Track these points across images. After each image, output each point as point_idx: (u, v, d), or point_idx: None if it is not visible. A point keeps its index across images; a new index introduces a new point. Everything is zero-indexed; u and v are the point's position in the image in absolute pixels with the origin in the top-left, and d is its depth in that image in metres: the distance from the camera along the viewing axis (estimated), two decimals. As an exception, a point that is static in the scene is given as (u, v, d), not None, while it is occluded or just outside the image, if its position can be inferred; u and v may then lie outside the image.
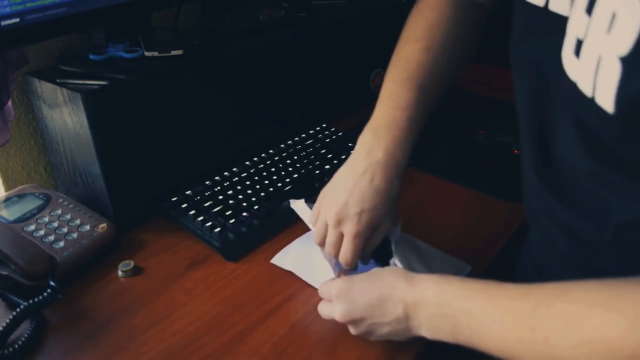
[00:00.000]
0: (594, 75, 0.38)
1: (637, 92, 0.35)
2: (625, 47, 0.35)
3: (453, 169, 0.92)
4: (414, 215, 0.81)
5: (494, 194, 0.85)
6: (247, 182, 0.86)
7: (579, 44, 0.40)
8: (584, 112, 0.41)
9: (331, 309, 0.57)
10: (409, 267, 0.62)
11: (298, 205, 0.70)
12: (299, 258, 0.70)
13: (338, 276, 0.64)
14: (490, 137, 0.99)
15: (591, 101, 0.39)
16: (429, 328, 0.51)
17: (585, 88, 0.40)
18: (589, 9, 0.39)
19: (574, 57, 0.41)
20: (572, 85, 0.41)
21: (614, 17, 0.36)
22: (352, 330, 0.57)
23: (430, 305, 0.50)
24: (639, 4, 0.34)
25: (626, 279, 0.39)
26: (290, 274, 0.69)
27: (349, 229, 0.60)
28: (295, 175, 0.88)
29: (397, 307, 0.52)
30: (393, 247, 0.63)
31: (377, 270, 0.57)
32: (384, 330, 0.54)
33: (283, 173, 0.89)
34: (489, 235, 0.77)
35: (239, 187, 0.84)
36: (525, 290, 0.45)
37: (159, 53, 0.79)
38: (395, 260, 0.62)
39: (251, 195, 0.82)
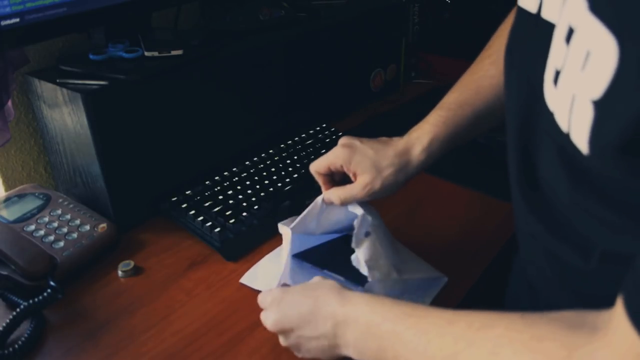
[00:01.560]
0: (569, 113, 0.36)
1: (609, 139, 0.32)
2: (598, 90, 0.32)
3: (453, 169, 0.92)
4: (414, 215, 0.81)
5: (494, 194, 0.85)
6: (247, 182, 0.86)
7: (557, 74, 0.37)
8: (562, 142, 0.39)
9: (264, 318, 0.57)
10: (375, 264, 0.61)
11: (284, 230, 0.67)
12: (268, 276, 0.68)
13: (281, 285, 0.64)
14: (490, 137, 0.99)
15: (567, 137, 0.37)
16: (355, 347, 0.51)
17: (562, 122, 0.37)
18: (568, 38, 0.36)
19: (552, 87, 0.38)
20: (551, 116, 0.39)
21: (588, 55, 0.33)
22: (282, 341, 0.57)
23: (359, 325, 0.50)
24: (614, 46, 0.31)
25: (556, 315, 0.39)
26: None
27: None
28: (295, 175, 0.88)
29: (326, 323, 0.52)
30: (354, 244, 0.61)
31: (313, 282, 0.57)
32: (311, 345, 0.54)
33: (283, 173, 0.89)
34: (489, 235, 0.77)
35: (239, 187, 0.84)
36: (453, 317, 0.44)
37: (159, 53, 0.79)
38: (357, 254, 0.61)
39: (251, 195, 0.82)
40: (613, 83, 0.31)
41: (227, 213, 0.78)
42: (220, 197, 0.82)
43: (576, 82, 0.35)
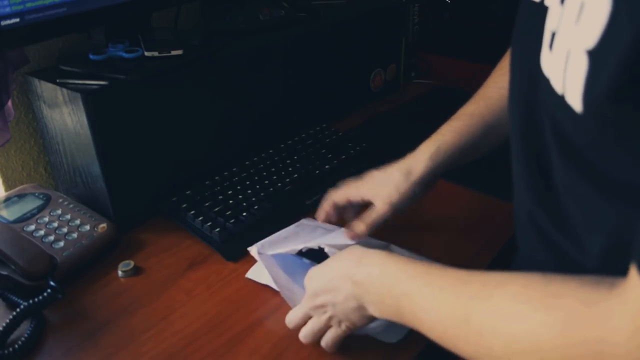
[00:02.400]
0: (564, 70, 0.36)
1: (602, 89, 0.33)
2: (591, 39, 0.33)
3: (453, 169, 0.92)
4: (414, 215, 0.81)
5: (494, 194, 0.85)
6: (247, 182, 0.86)
7: (553, 37, 0.38)
8: (557, 113, 0.40)
9: (298, 305, 0.58)
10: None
11: (254, 251, 0.69)
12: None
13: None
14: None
15: (562, 99, 0.37)
16: (376, 307, 0.51)
17: (557, 85, 0.38)
18: (562, 0, 0.37)
19: (548, 51, 0.39)
20: (547, 82, 0.39)
21: (582, 6, 0.34)
22: (315, 320, 0.57)
23: (375, 285, 0.50)
24: None
25: (573, 277, 0.38)
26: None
27: None
28: (295, 175, 0.88)
29: (346, 284, 0.52)
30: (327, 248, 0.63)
31: (340, 252, 0.58)
32: (346, 311, 0.54)
33: (283, 173, 0.89)
34: (489, 235, 0.77)
35: (239, 187, 0.84)
36: (467, 277, 0.44)
37: (159, 53, 0.79)
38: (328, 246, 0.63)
39: (251, 195, 0.82)
40: (606, 30, 0.32)
41: (227, 213, 0.78)
42: (220, 197, 0.82)
43: (571, 37, 0.36)
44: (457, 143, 0.67)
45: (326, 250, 0.64)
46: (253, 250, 0.69)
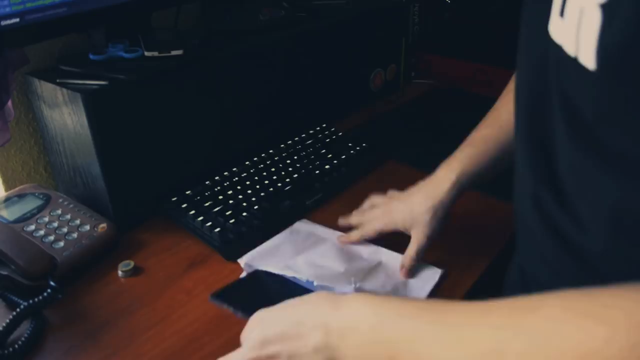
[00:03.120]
0: (577, 29, 0.36)
1: (616, 43, 0.33)
2: None
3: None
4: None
5: (494, 194, 0.85)
6: (247, 182, 0.86)
7: (564, 3, 0.38)
8: (568, 81, 0.39)
9: (244, 343, 0.49)
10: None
11: (242, 263, 0.70)
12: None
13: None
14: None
15: (574, 62, 0.37)
16: (357, 359, 0.42)
17: (570, 48, 0.37)
18: None
19: (559, 18, 0.39)
20: (558, 50, 0.39)
21: None
22: None
23: (359, 331, 0.42)
24: None
25: (611, 287, 0.33)
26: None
27: None
28: (295, 175, 0.88)
29: (315, 333, 0.44)
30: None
31: (306, 296, 0.48)
32: None
33: (283, 173, 0.89)
34: (489, 235, 0.77)
35: (239, 187, 0.84)
36: (485, 307, 0.37)
37: (159, 53, 0.79)
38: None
39: (251, 195, 0.82)
40: None
41: (227, 213, 0.78)
42: (220, 197, 0.82)
43: None
44: (475, 172, 0.68)
45: (315, 284, 0.64)
46: (242, 261, 0.70)
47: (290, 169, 0.90)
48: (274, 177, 0.87)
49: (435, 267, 0.70)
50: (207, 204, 0.80)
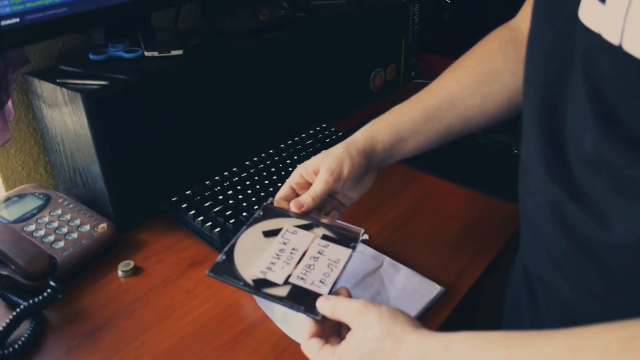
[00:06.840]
0: (624, 17, 0.35)
1: None
2: None
3: (453, 169, 0.92)
4: (414, 215, 0.81)
5: (494, 194, 0.85)
6: (247, 182, 0.86)
7: None
8: (602, 69, 0.38)
9: None
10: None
11: None
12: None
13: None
14: (490, 137, 0.99)
15: (617, 50, 0.36)
16: None
17: (611, 36, 0.36)
18: None
19: (598, 4, 0.37)
20: (594, 38, 0.37)
21: None
22: None
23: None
24: None
25: None
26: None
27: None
28: (295, 175, 0.88)
29: None
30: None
31: (374, 314, 0.46)
32: None
33: (283, 173, 0.89)
34: (489, 235, 0.77)
35: (239, 187, 0.84)
36: (574, 343, 0.35)
37: (159, 53, 0.79)
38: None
39: (251, 195, 0.82)
40: None
41: (227, 213, 0.78)
42: (220, 197, 0.82)
43: None
44: (393, 122, 0.66)
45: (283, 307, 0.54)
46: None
47: (290, 169, 0.90)
48: (274, 177, 0.87)
49: (436, 283, 0.66)
50: (207, 204, 0.80)
